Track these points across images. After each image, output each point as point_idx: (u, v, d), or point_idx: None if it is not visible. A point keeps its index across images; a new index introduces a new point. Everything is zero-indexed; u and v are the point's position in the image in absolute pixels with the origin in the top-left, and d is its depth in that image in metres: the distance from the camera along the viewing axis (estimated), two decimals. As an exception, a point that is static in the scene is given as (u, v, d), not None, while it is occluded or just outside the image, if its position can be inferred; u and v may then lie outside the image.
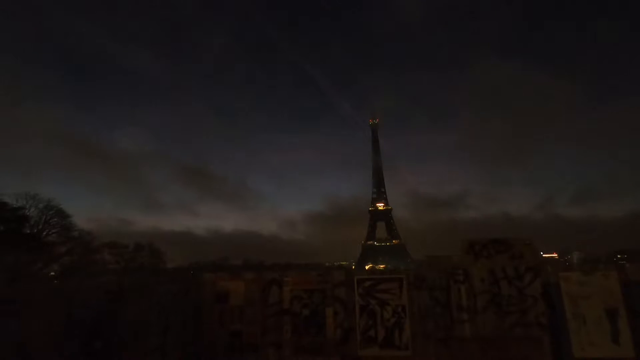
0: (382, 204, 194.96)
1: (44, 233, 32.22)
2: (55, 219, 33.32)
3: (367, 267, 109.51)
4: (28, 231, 30.74)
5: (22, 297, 4.33)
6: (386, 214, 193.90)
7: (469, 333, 5.99)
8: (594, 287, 5.75)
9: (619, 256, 78.95)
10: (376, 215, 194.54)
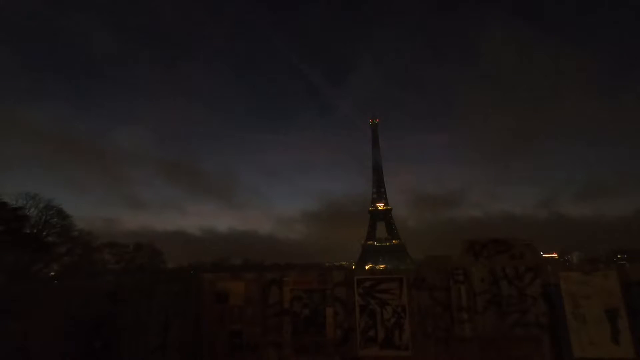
0: (382, 204, 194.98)
1: (44, 233, 32.22)
2: (55, 219, 33.35)
3: (367, 267, 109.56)
4: (28, 231, 30.74)
5: (22, 297, 4.33)
6: (386, 214, 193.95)
7: (469, 333, 5.99)
8: (594, 287, 5.75)
9: (619, 256, 79.00)
10: (376, 215, 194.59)
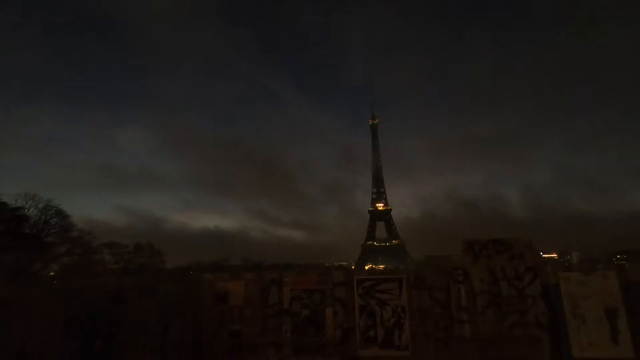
0: (382, 204, 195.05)
1: (44, 233, 32.18)
2: (55, 219, 33.30)
3: (366, 267, 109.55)
4: (28, 231, 30.70)
5: (22, 297, 4.33)
6: (386, 214, 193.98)
7: (468, 333, 6.00)
8: (593, 287, 5.76)
9: (618, 256, 78.96)
10: (376, 215, 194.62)
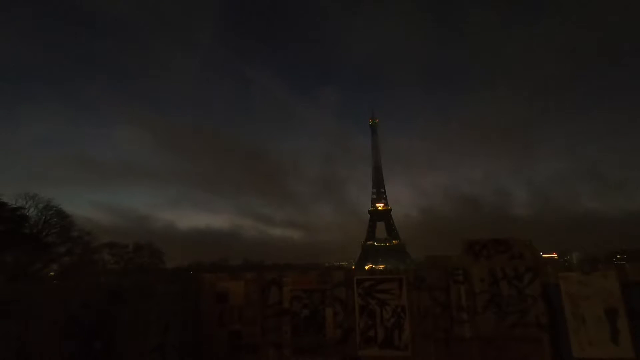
0: (382, 204, 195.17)
1: (44, 233, 32.17)
2: (55, 219, 33.31)
3: (366, 267, 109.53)
4: (28, 231, 30.69)
5: (22, 297, 4.32)
6: (386, 214, 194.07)
7: (468, 333, 6.00)
8: (593, 287, 5.75)
9: (618, 256, 78.97)
10: (376, 215, 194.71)
